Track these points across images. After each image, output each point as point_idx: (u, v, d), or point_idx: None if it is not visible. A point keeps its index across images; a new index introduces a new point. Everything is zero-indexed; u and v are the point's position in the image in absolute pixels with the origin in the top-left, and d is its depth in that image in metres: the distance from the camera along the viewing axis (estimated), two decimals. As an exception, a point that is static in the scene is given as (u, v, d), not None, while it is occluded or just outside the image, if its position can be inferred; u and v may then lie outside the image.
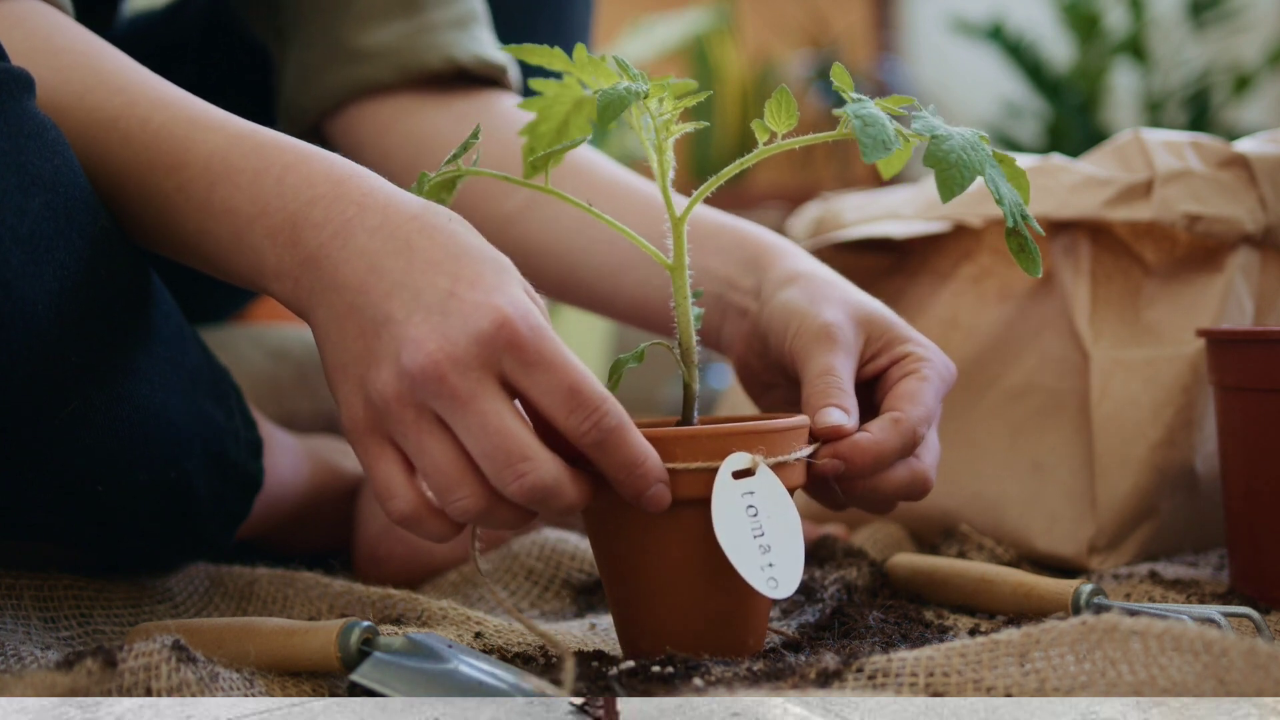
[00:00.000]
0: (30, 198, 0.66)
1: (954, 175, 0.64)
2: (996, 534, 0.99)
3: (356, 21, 0.95)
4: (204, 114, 0.72)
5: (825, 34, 3.53)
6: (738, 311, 0.85)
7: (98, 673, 0.60)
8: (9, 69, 0.67)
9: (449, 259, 0.63)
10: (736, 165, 0.71)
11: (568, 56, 0.74)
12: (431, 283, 0.63)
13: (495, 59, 0.98)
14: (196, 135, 0.70)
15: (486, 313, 0.62)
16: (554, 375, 0.62)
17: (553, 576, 0.93)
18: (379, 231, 0.65)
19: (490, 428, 0.61)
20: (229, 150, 0.69)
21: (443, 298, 0.62)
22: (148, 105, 0.72)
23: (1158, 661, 0.57)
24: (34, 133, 0.67)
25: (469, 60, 0.96)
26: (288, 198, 0.67)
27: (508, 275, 0.64)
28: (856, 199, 1.16)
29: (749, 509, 0.67)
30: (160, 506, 0.79)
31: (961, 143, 0.65)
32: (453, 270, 0.63)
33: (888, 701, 0.63)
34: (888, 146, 0.64)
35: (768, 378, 0.84)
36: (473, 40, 0.97)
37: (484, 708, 0.65)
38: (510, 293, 0.63)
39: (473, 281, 0.63)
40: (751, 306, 0.84)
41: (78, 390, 0.70)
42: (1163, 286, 0.97)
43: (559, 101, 0.78)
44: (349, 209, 0.66)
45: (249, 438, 0.85)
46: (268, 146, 0.69)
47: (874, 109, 0.66)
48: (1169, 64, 2.97)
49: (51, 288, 0.67)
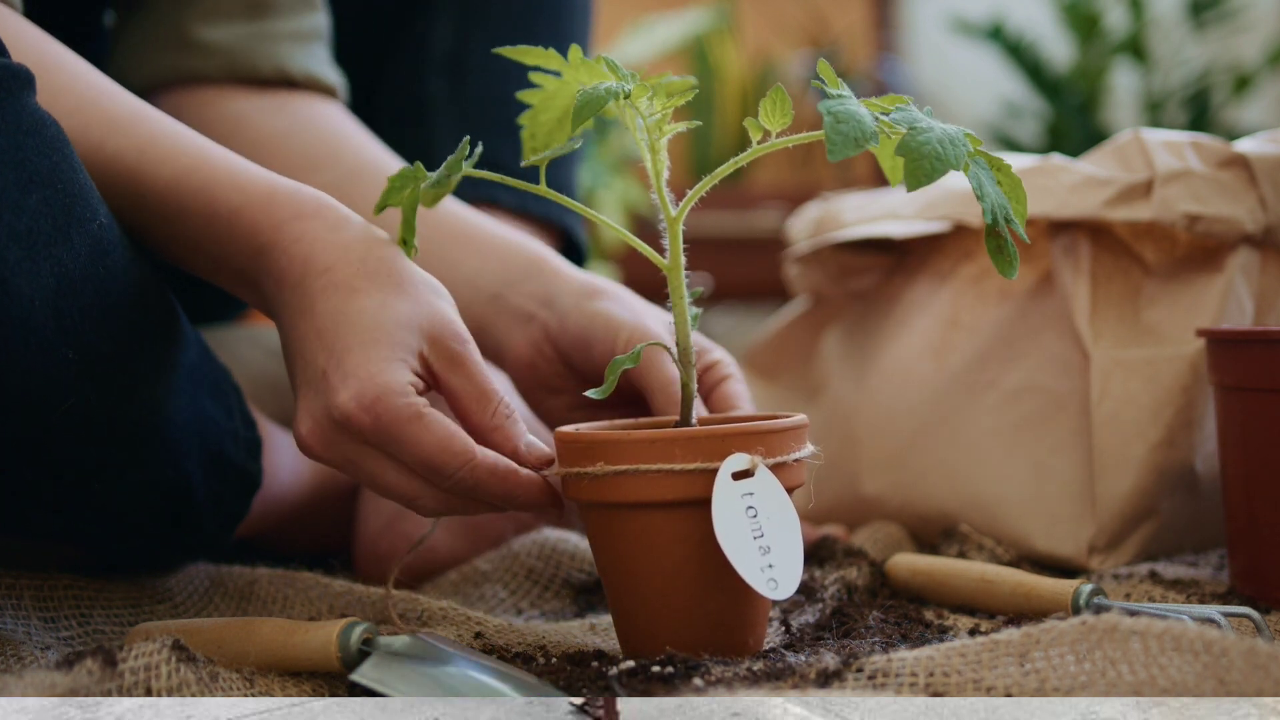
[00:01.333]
0: (28, 194, 0.67)
1: (923, 165, 0.63)
2: (996, 534, 0.99)
3: (200, 14, 0.97)
4: (151, 140, 0.75)
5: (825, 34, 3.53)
6: (520, 315, 0.87)
7: (98, 673, 0.60)
8: (8, 65, 0.67)
9: (330, 330, 0.68)
10: (730, 164, 0.71)
11: (563, 58, 0.74)
12: (314, 358, 0.69)
13: (326, 78, 1.00)
14: (147, 169, 0.74)
15: (341, 400, 0.67)
16: (406, 450, 0.68)
17: (553, 576, 0.93)
18: (297, 289, 0.70)
19: (378, 486, 0.70)
20: (179, 187, 0.73)
21: (318, 376, 0.68)
22: (101, 129, 0.74)
23: (1158, 661, 0.57)
24: (33, 129, 0.68)
25: (299, 74, 0.98)
26: (238, 244, 0.73)
27: (376, 349, 0.68)
28: (856, 199, 1.16)
29: (749, 510, 0.67)
30: (158, 505, 0.79)
31: (940, 136, 0.65)
32: (330, 344, 0.68)
33: (888, 701, 0.63)
34: (859, 144, 0.63)
35: (557, 383, 0.87)
36: (309, 56, 0.99)
37: (484, 708, 0.65)
38: (367, 372, 0.67)
39: (340, 360, 0.68)
40: (539, 313, 0.86)
41: (76, 387, 0.70)
42: (1163, 286, 0.97)
43: (559, 95, 0.78)
44: (282, 259, 0.71)
45: (248, 437, 0.85)
46: (213, 186, 0.73)
47: (852, 105, 0.65)
48: (1169, 64, 2.96)
49: (49, 285, 0.67)
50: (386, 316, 0.69)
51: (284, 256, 0.71)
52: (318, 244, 0.71)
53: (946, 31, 3.16)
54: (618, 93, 0.68)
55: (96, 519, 0.77)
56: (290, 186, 0.74)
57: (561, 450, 0.71)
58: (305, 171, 0.92)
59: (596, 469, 0.69)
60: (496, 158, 0.84)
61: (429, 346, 0.70)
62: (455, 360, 0.70)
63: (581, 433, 0.71)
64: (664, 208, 0.72)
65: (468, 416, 0.71)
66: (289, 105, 0.98)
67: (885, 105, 0.68)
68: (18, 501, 0.74)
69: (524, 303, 0.87)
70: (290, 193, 0.73)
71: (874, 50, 3.70)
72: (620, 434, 0.69)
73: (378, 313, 0.69)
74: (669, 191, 0.72)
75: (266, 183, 0.74)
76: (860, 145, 0.63)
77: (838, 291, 1.14)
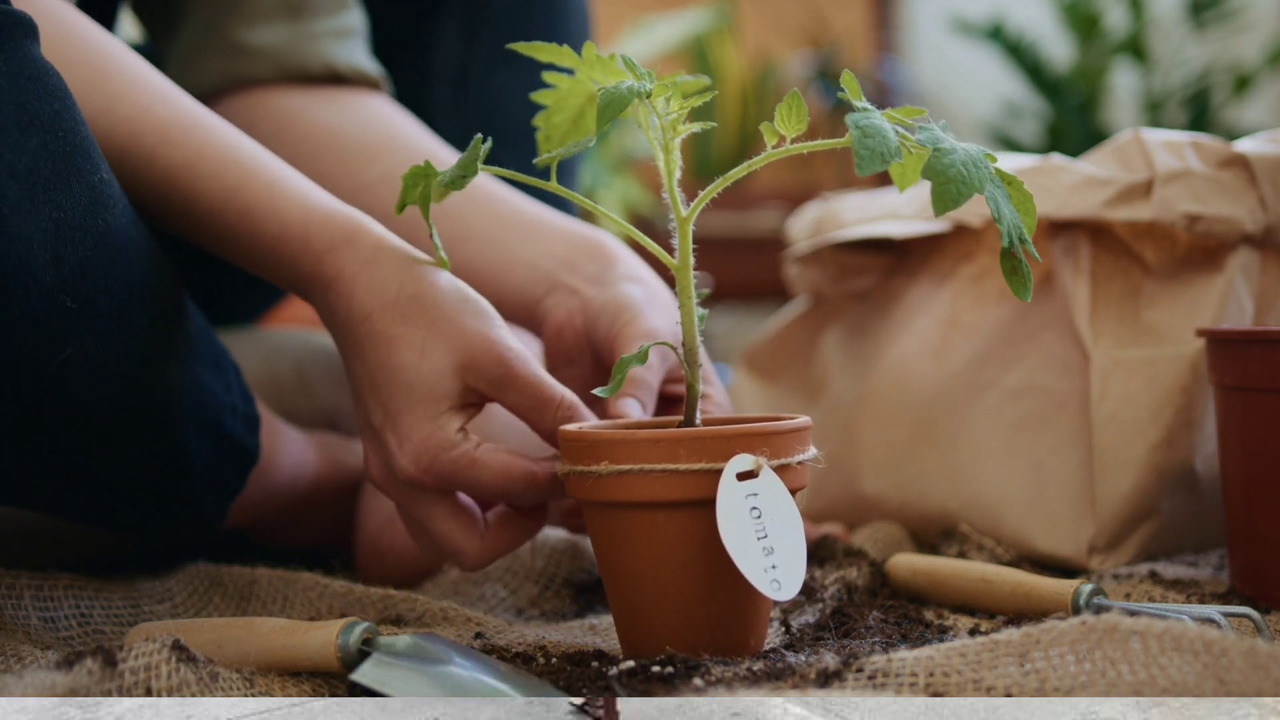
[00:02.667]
0: (28, 136, 0.68)
1: (950, 190, 0.64)
2: (996, 534, 0.99)
3: (242, 20, 0.99)
4: (199, 154, 0.77)
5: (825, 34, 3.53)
6: (568, 289, 0.89)
7: (98, 673, 0.60)
8: (10, 11, 0.68)
9: (381, 386, 0.73)
10: (744, 168, 0.71)
11: (575, 54, 0.74)
12: (372, 413, 0.74)
13: (372, 71, 1.02)
14: (198, 185, 0.77)
15: (402, 465, 0.73)
16: (473, 491, 0.74)
17: (553, 576, 0.93)
18: (343, 330, 0.75)
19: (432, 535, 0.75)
20: (224, 209, 0.77)
21: (378, 430, 0.74)
22: (152, 137, 0.77)
23: (1158, 661, 0.57)
24: (34, 75, 0.69)
25: (346, 68, 1.00)
26: (285, 271, 0.77)
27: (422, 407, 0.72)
28: (856, 199, 1.16)
29: (753, 510, 0.67)
30: (154, 472, 0.79)
31: (964, 158, 0.65)
32: (384, 403, 0.73)
33: (888, 701, 0.63)
34: (885, 160, 0.64)
35: (575, 354, 0.88)
36: (350, 52, 1.01)
37: (484, 708, 0.65)
38: (419, 435, 0.72)
39: (395, 423, 0.73)
40: (586, 290, 0.89)
41: (72, 336, 0.70)
42: (1163, 286, 0.97)
43: (572, 94, 0.78)
44: (327, 295, 0.75)
45: (246, 412, 0.86)
46: (253, 211, 0.76)
47: (878, 120, 0.65)
48: (1169, 64, 2.96)
49: (48, 228, 0.68)
50: (427, 368, 0.72)
51: (328, 292, 0.75)
52: (356, 285, 0.74)
53: (946, 31, 3.16)
54: (640, 91, 0.68)
55: (92, 485, 0.77)
56: (324, 212, 0.76)
57: (565, 449, 0.71)
58: (360, 162, 0.95)
59: (601, 468, 0.69)
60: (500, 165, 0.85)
61: (473, 377, 0.73)
62: (501, 382, 0.73)
63: (585, 432, 0.71)
64: (675, 207, 0.72)
65: (532, 426, 0.75)
66: (339, 100, 0.99)
67: (902, 117, 0.68)
68: (14, 461, 0.74)
69: (576, 281, 0.89)
70: (324, 220, 0.76)
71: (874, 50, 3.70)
72: (625, 434, 0.69)
73: (419, 364, 0.73)
74: (680, 192, 0.73)
75: (302, 209, 0.76)
76: (887, 161, 0.64)
77: (838, 291, 1.14)
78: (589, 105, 0.79)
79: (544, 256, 0.91)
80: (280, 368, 1.12)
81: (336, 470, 1.03)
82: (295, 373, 1.13)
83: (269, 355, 1.12)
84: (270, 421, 0.94)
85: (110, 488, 0.78)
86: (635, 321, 0.84)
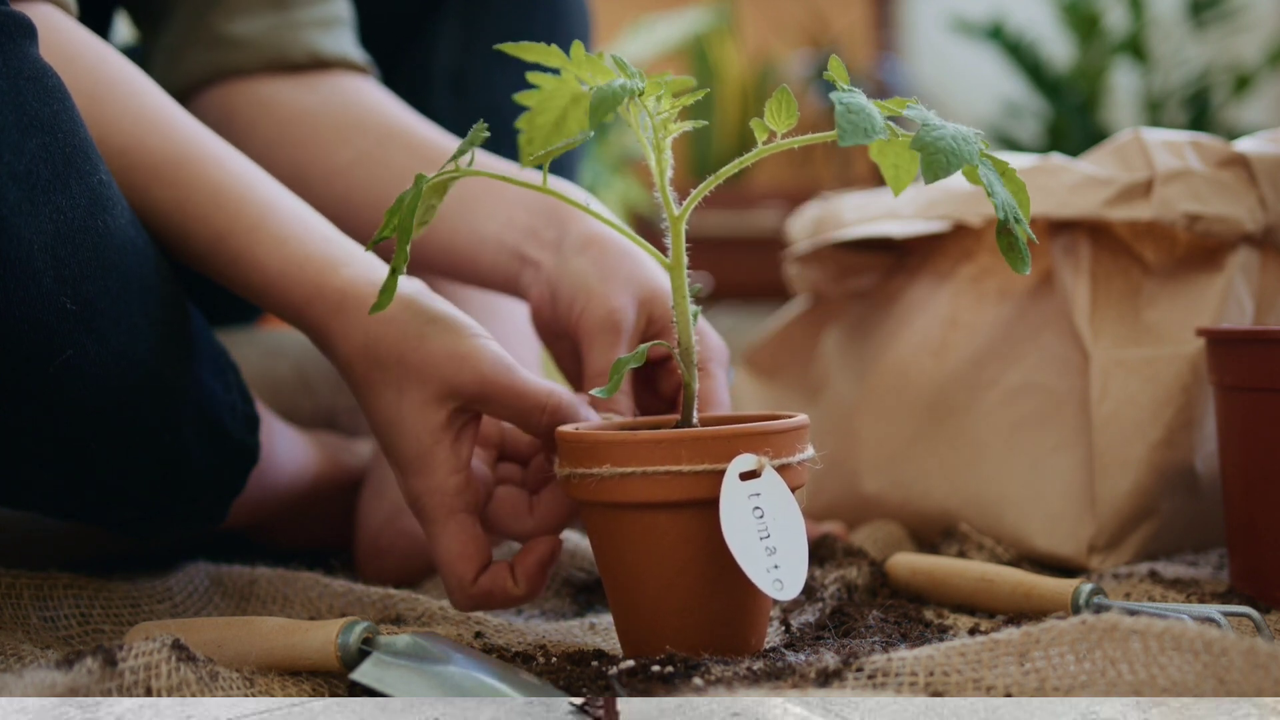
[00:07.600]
0: (28, 137, 0.68)
1: (939, 159, 0.64)
2: (996, 534, 0.99)
3: (226, 12, 1.00)
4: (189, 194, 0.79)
5: (825, 33, 3.53)
6: (534, 264, 0.89)
7: (98, 672, 0.60)
8: (9, 12, 0.68)
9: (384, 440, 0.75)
10: (735, 164, 0.71)
11: (564, 54, 0.73)
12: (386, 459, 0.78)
13: (355, 56, 1.02)
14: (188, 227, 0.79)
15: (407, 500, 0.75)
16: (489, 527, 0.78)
17: (553, 576, 0.93)
18: (340, 371, 0.77)
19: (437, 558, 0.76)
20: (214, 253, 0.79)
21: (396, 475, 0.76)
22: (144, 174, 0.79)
23: (1158, 661, 0.57)
24: (34, 76, 0.69)
25: (330, 54, 1.01)
26: (282, 316, 0.79)
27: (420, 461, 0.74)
28: (856, 198, 1.16)
29: (755, 510, 0.67)
30: (154, 472, 0.79)
31: (953, 133, 0.65)
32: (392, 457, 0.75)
33: (888, 701, 0.63)
34: (868, 134, 0.64)
35: (558, 329, 0.88)
36: (337, 39, 1.02)
37: (484, 708, 0.65)
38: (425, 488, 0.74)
39: (402, 477, 0.75)
40: (547, 262, 0.88)
41: (72, 338, 0.70)
42: (1163, 286, 0.97)
43: (556, 95, 0.78)
44: (317, 342, 0.78)
45: (246, 412, 0.86)
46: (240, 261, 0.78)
47: (862, 99, 0.66)
48: (1169, 64, 2.97)
49: (47, 229, 0.68)
50: (407, 406, 0.74)
51: (317, 341, 0.78)
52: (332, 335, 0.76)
53: (946, 31, 3.16)
54: (632, 90, 0.68)
55: (92, 485, 0.77)
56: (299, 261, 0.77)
57: (564, 451, 0.71)
58: (333, 146, 0.96)
59: (603, 470, 0.68)
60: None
61: (453, 399, 0.74)
62: (480, 398, 0.74)
63: (585, 433, 0.71)
64: (667, 207, 0.72)
65: (524, 431, 0.77)
66: (319, 83, 1.00)
67: (894, 108, 0.68)
68: (15, 461, 0.74)
69: (539, 253, 0.89)
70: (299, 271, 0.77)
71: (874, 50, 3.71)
72: (625, 435, 0.69)
73: (399, 404, 0.74)
74: (672, 190, 0.72)
75: (279, 260, 0.77)
76: (869, 135, 0.64)
77: (838, 291, 1.14)
78: (573, 106, 0.78)
79: (509, 228, 0.90)
80: (280, 368, 1.12)
81: (336, 470, 1.03)
82: (295, 373, 1.13)
83: (269, 355, 1.12)
84: (270, 421, 0.94)
85: (110, 488, 0.78)
86: (591, 305, 0.83)
